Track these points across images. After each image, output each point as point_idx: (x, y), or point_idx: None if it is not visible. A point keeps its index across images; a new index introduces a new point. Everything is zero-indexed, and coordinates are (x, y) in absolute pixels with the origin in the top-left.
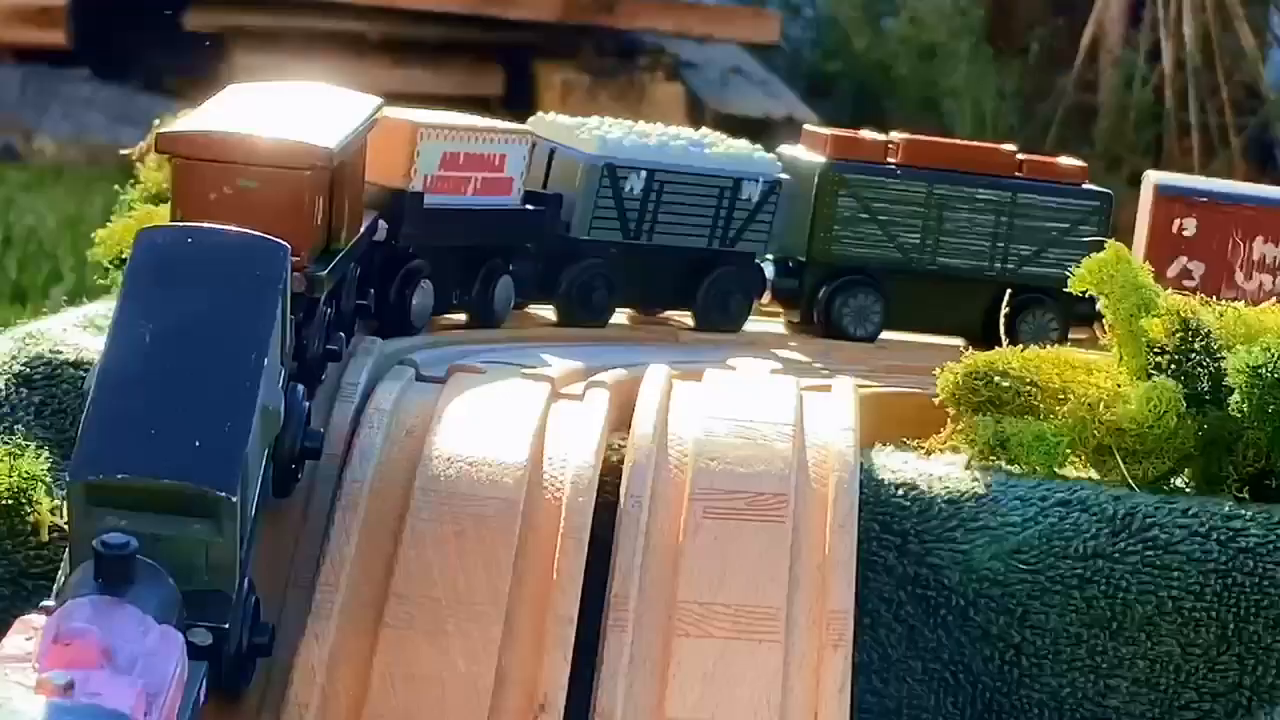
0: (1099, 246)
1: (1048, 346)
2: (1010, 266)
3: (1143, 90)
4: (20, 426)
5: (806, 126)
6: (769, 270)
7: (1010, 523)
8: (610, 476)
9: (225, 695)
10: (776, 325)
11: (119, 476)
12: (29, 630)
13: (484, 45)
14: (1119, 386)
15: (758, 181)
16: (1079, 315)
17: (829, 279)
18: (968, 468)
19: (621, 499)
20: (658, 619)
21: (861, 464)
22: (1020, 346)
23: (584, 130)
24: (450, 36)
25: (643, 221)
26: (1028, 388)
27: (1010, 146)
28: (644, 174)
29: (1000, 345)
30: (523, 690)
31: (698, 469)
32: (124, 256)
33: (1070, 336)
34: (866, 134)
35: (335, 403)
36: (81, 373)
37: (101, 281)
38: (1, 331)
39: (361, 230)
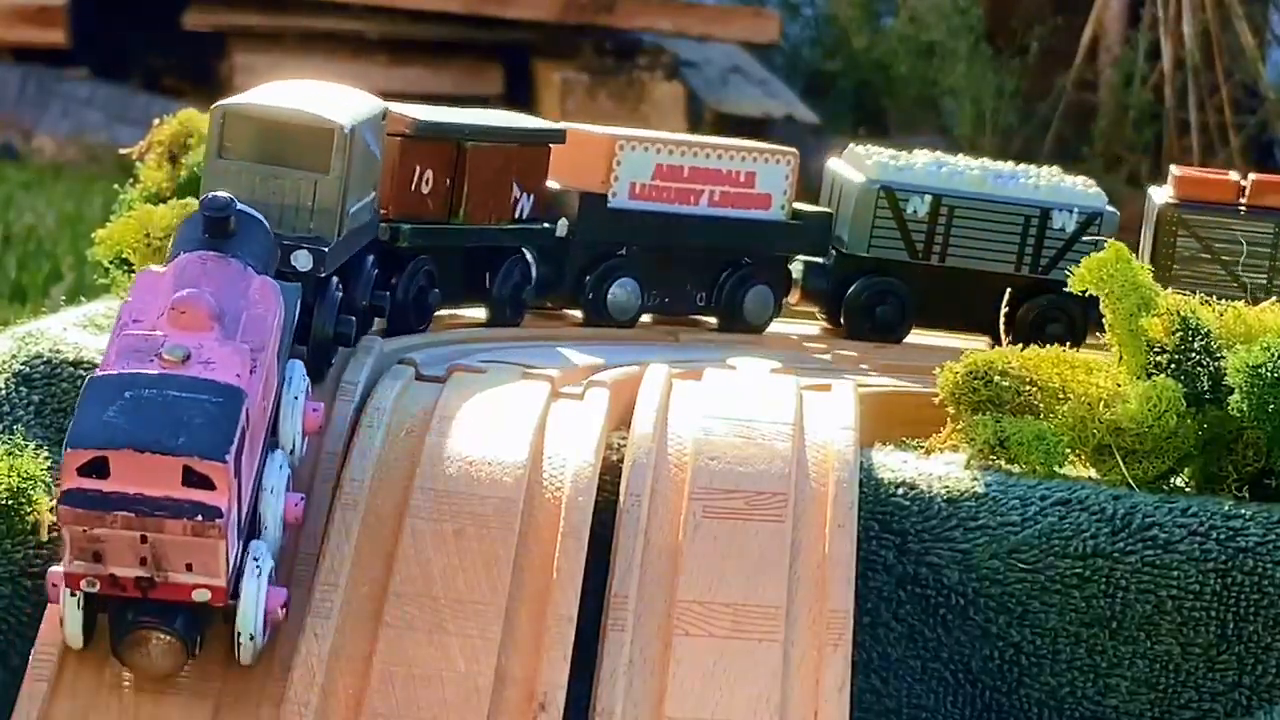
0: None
1: None
2: None
3: (1142, 90)
4: (20, 426)
5: (1173, 168)
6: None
7: (1010, 522)
8: (610, 475)
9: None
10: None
11: (251, 103)
12: (148, 290)
13: (483, 45)
14: (1119, 386)
15: (1072, 211)
16: None
17: None
18: (967, 467)
19: (621, 498)
20: (657, 618)
21: (861, 463)
22: None
23: (870, 157)
24: (449, 36)
25: (931, 243)
26: (1027, 387)
27: None
28: (928, 198)
29: None
30: (522, 689)
31: (697, 468)
32: (124, 256)
33: None
34: (1226, 175)
35: (335, 402)
36: (81, 372)
37: (101, 281)
38: (1, 331)
39: (506, 224)
